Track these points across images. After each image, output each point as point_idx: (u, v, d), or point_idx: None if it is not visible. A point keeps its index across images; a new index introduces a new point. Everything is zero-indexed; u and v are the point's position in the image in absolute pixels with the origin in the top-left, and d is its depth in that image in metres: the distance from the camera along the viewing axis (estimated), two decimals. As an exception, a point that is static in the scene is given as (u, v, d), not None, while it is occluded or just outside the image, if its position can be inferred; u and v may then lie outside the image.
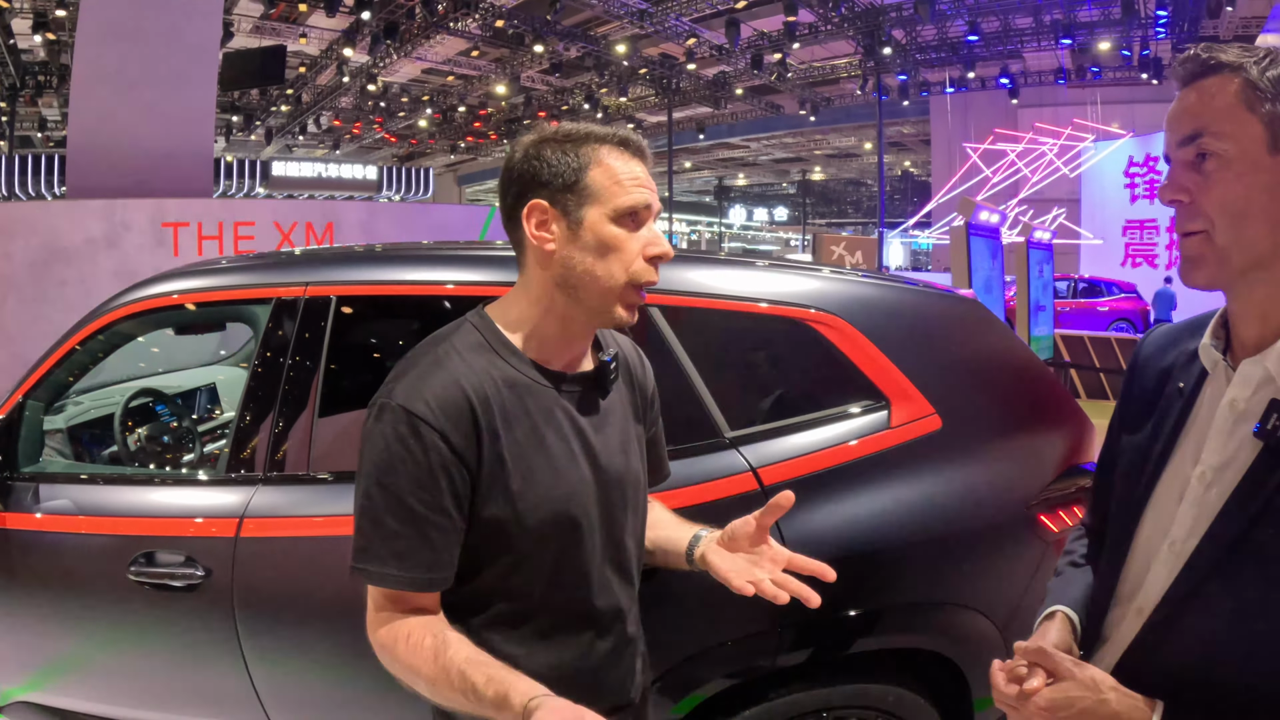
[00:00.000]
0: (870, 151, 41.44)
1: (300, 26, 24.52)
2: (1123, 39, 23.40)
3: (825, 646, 2.23)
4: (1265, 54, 1.11)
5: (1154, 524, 1.24)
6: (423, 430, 1.28)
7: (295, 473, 2.40)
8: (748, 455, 2.23)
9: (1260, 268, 1.12)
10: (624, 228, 1.36)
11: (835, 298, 2.39)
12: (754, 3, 22.32)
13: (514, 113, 35.70)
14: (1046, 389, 2.61)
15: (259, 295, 2.55)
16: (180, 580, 2.33)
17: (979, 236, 10.74)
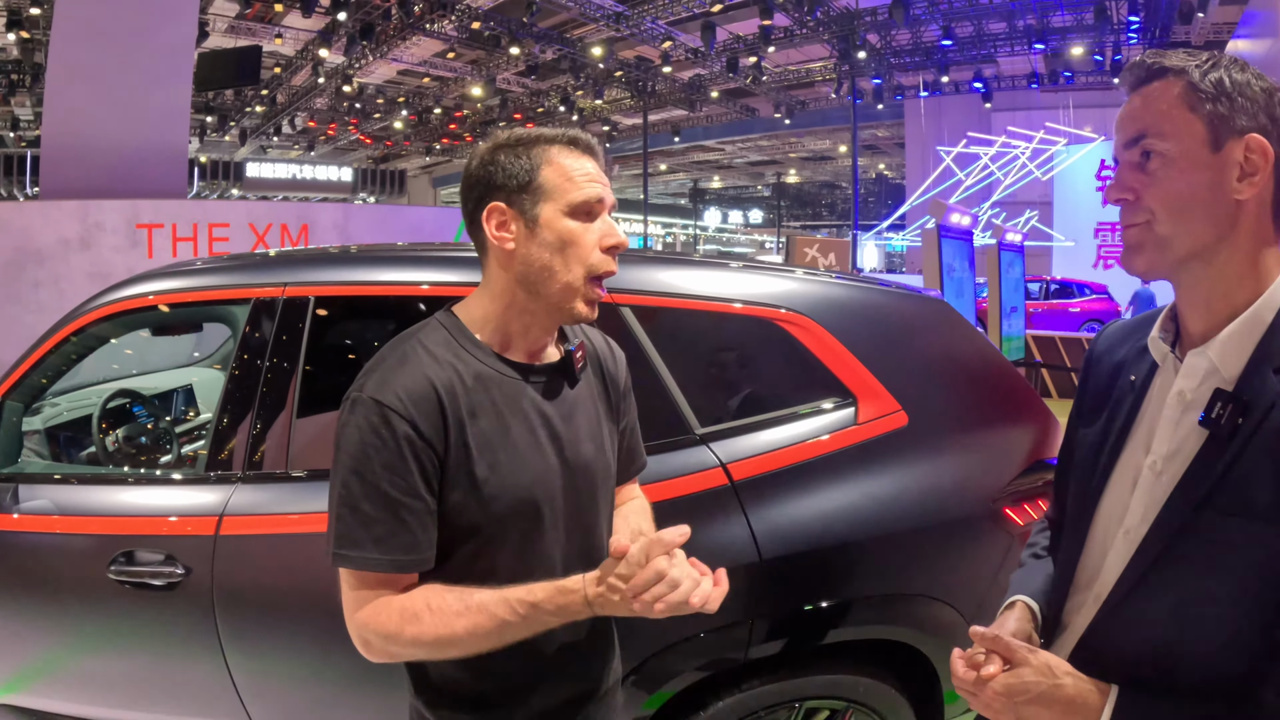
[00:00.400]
0: (844, 154, 41.56)
1: (275, 27, 24.31)
2: (1095, 44, 23.57)
3: (796, 638, 2.28)
4: (1207, 58, 1.16)
5: (1109, 513, 1.28)
6: (393, 419, 1.33)
7: (274, 471, 2.41)
8: (718, 451, 2.27)
9: (1200, 259, 1.16)
10: (579, 221, 1.41)
11: (803, 298, 2.45)
12: (730, 6, 22.35)
13: (489, 115, 35.58)
14: (1011, 386, 2.68)
15: (237, 296, 2.57)
16: (160, 579, 2.33)
17: (950, 239, 10.86)
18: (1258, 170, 1.12)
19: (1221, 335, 1.16)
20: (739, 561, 2.17)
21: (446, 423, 1.37)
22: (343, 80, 27.55)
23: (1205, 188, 1.13)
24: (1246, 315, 1.15)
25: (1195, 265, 1.16)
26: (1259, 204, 1.14)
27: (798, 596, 2.26)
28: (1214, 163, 1.13)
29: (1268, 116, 1.13)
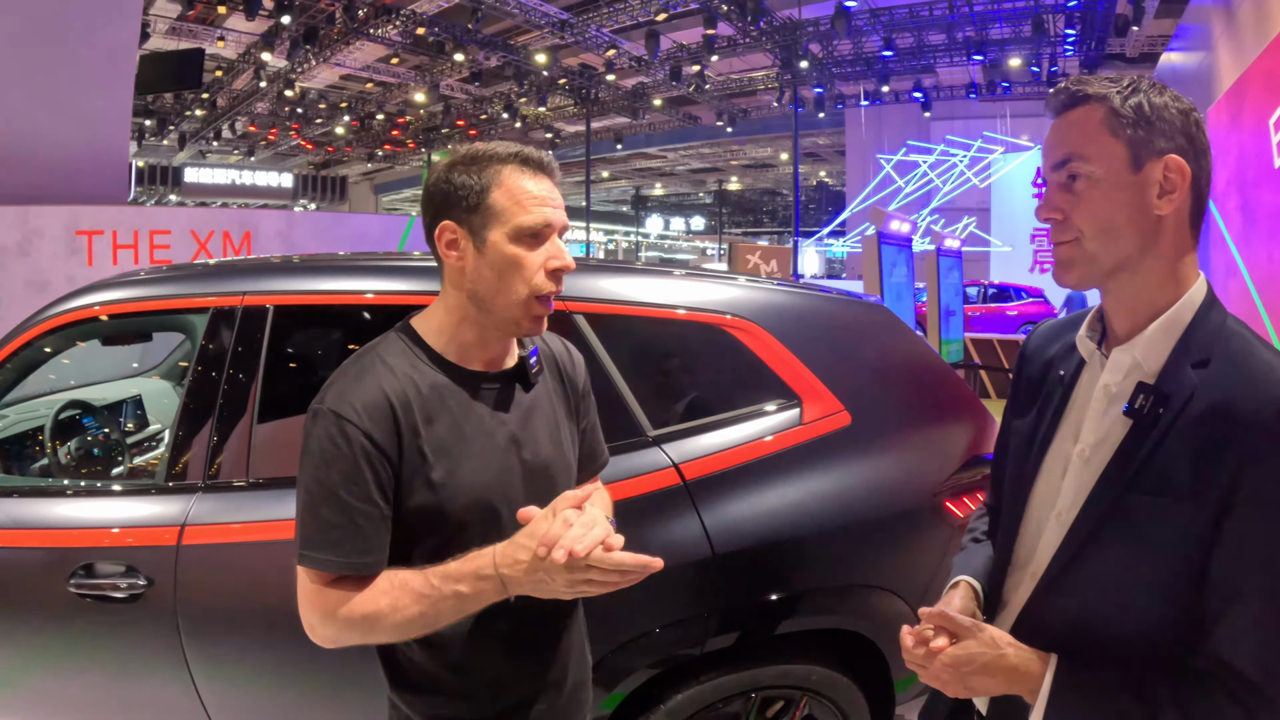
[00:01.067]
0: (786, 162, 41.87)
1: (217, 29, 23.82)
2: (1032, 56, 24.05)
3: (749, 630, 2.36)
4: (1128, 83, 1.24)
5: (1042, 497, 1.37)
6: (349, 430, 1.39)
7: (235, 479, 2.42)
8: (670, 452, 2.36)
9: (1126, 270, 1.25)
10: (525, 246, 1.46)
11: (749, 304, 2.55)
12: (674, 15, 22.40)
13: (432, 121, 35.34)
14: (949, 386, 2.80)
15: (195, 305, 2.56)
16: (122, 591, 2.31)
17: (890, 245, 11.06)
18: (1176, 188, 1.21)
19: (1144, 334, 1.26)
20: (693, 558, 2.27)
21: (400, 432, 1.43)
22: (285, 84, 27.11)
23: (1128, 206, 1.22)
24: (1167, 316, 1.25)
25: (1122, 275, 1.26)
26: (1178, 218, 1.23)
27: (750, 590, 2.35)
28: (1135, 183, 1.21)
29: (1184, 137, 1.22)
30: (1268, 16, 9.73)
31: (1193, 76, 14.23)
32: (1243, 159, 10.30)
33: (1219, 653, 1.16)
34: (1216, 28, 12.56)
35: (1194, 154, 1.23)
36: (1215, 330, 1.24)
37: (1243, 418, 1.15)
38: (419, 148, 38.69)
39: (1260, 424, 1.14)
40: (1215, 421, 1.17)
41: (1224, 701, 1.15)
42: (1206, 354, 1.22)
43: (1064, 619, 1.29)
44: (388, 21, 22.56)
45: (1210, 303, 1.27)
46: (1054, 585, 1.31)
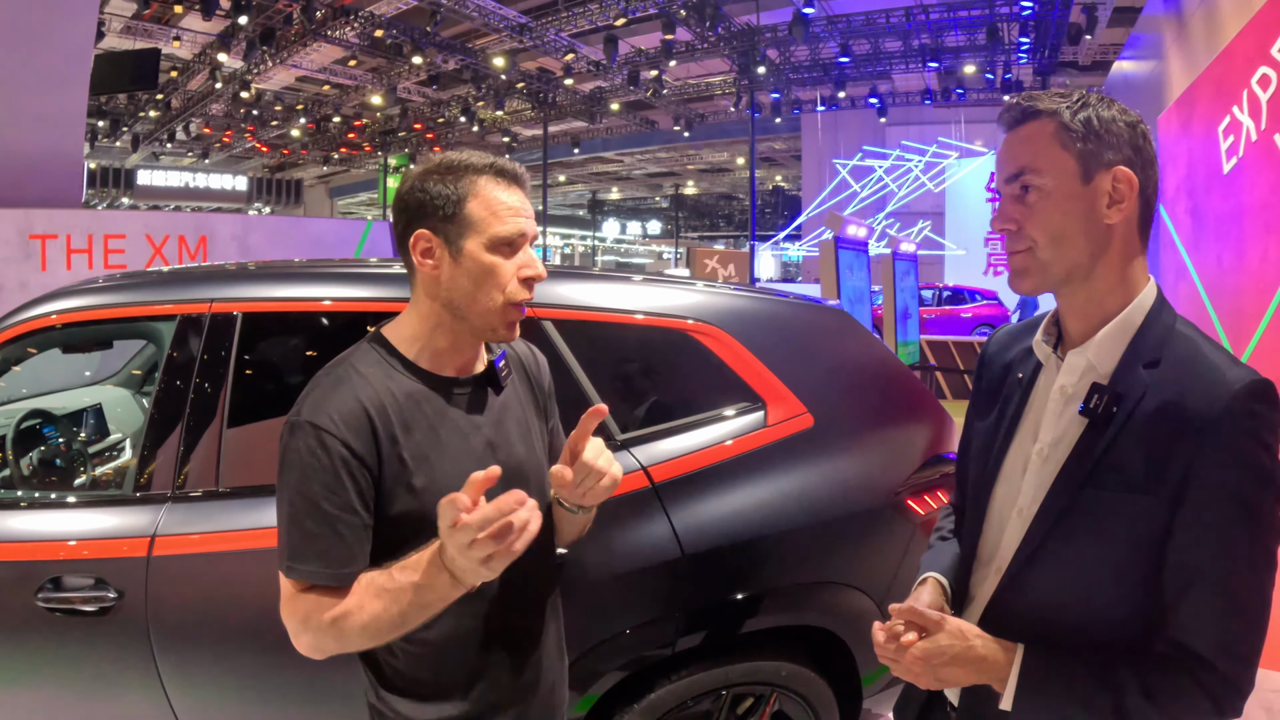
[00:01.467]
0: (742, 166, 42.03)
1: (173, 29, 23.38)
2: (986, 63, 24.38)
3: (720, 628, 2.42)
4: (1077, 98, 1.30)
5: (1004, 495, 1.43)
6: (327, 440, 1.41)
7: (205, 489, 2.40)
8: (638, 455, 2.41)
9: (1078, 277, 1.31)
10: (500, 255, 1.49)
11: (714, 310, 2.61)
12: (633, 20, 22.38)
13: (389, 124, 35.11)
14: (908, 388, 2.88)
15: (162, 312, 2.54)
16: (92, 604, 2.27)
17: (847, 249, 11.18)
18: (1124, 198, 1.28)
19: (1097, 337, 1.32)
20: (663, 558, 2.32)
21: (378, 440, 1.45)
22: (240, 86, 26.71)
23: (1079, 216, 1.28)
24: (1119, 320, 1.31)
25: (1075, 282, 1.32)
26: (1127, 226, 1.29)
27: (719, 589, 2.40)
28: (1085, 194, 1.27)
29: (1132, 149, 1.28)
30: (1218, 28, 9.91)
31: (1144, 84, 14.48)
32: (1192, 165, 10.49)
33: (1178, 637, 1.23)
34: (1168, 37, 12.76)
35: (1141, 165, 1.29)
36: (1165, 332, 1.30)
37: (1192, 415, 1.21)
38: (375, 151, 38.37)
39: (1209, 420, 1.20)
40: (1167, 419, 1.23)
41: (1185, 682, 1.22)
42: (1157, 355, 1.28)
43: (1028, 611, 1.35)
44: (346, 23, 22.37)
45: (1160, 306, 1.33)
46: (1017, 579, 1.36)
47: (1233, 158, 8.61)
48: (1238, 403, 1.20)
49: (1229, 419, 1.20)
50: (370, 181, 46.65)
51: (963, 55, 24.30)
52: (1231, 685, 1.23)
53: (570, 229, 59.14)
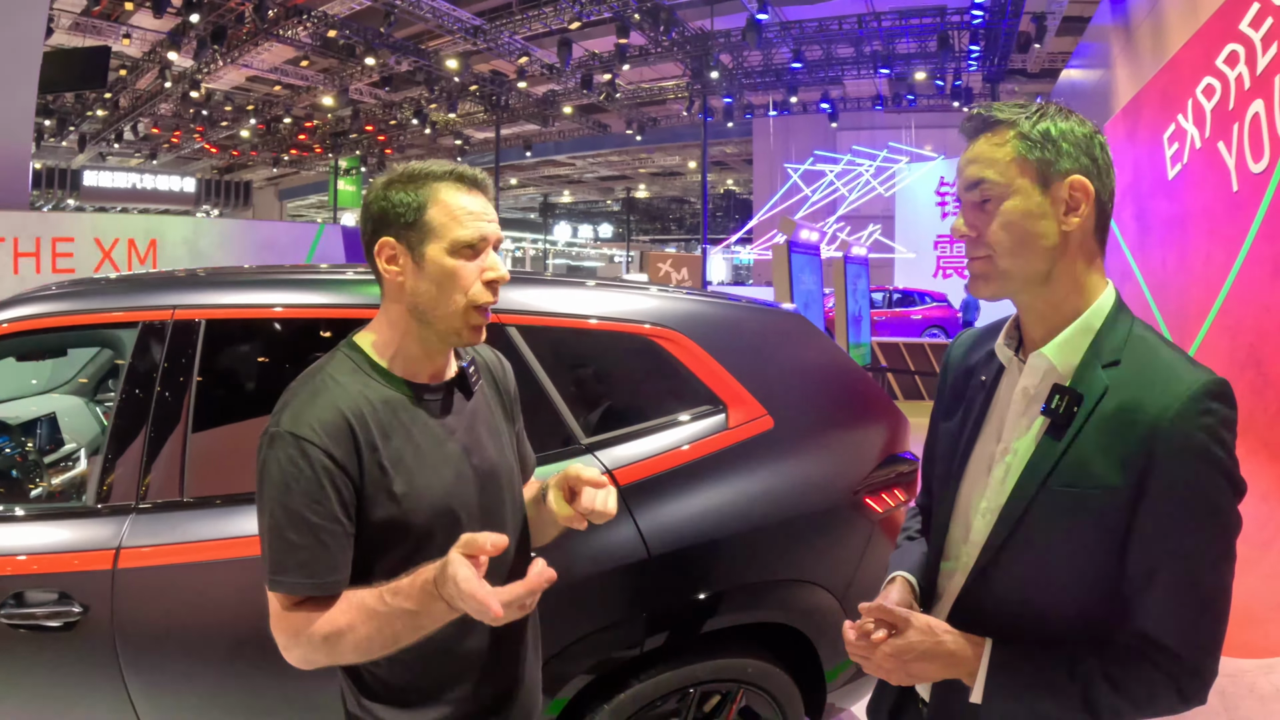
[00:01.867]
0: (694, 170, 42.20)
1: (123, 26, 22.84)
2: (937, 70, 24.63)
3: (686, 626, 2.46)
4: (1036, 109, 1.34)
5: (969, 494, 1.46)
6: (309, 450, 1.42)
7: (170, 499, 2.33)
8: (603, 459, 2.45)
9: (1037, 282, 1.35)
10: (462, 259, 1.51)
11: (675, 315, 2.67)
12: (587, 23, 22.38)
13: (340, 125, 34.76)
14: (863, 389, 2.96)
15: (123, 319, 2.47)
16: (57, 619, 2.19)
17: (800, 253, 11.31)
18: (1080, 205, 1.31)
19: (1058, 339, 1.36)
20: (630, 560, 2.36)
21: (359, 448, 1.46)
22: (190, 85, 26.20)
23: (1036, 223, 1.31)
24: (1079, 322, 1.35)
25: (1034, 287, 1.36)
26: (1084, 232, 1.33)
27: (686, 589, 2.45)
28: (1043, 201, 1.31)
29: (1088, 158, 1.32)
30: (1164, 39, 10.14)
31: (1091, 92, 14.79)
32: (1138, 171, 10.76)
33: (1142, 628, 1.28)
34: (1115, 47, 13.04)
35: (1097, 173, 1.33)
36: (1124, 334, 1.35)
37: (1151, 414, 1.25)
38: (326, 153, 37.96)
39: (1167, 418, 1.24)
40: (1126, 418, 1.28)
41: (1150, 672, 1.27)
42: (1116, 356, 1.33)
43: (995, 606, 1.38)
44: (298, 23, 22.12)
45: (1119, 309, 1.37)
46: (984, 575, 1.40)
47: (1177, 164, 8.89)
48: (1195, 401, 1.24)
49: (1187, 417, 1.24)
50: (320, 184, 46.09)
51: (914, 62, 24.57)
52: (1196, 674, 1.27)
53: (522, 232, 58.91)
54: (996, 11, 20.77)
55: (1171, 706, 1.29)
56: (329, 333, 2.53)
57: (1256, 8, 6.67)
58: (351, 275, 2.64)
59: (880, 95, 27.86)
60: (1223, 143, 7.50)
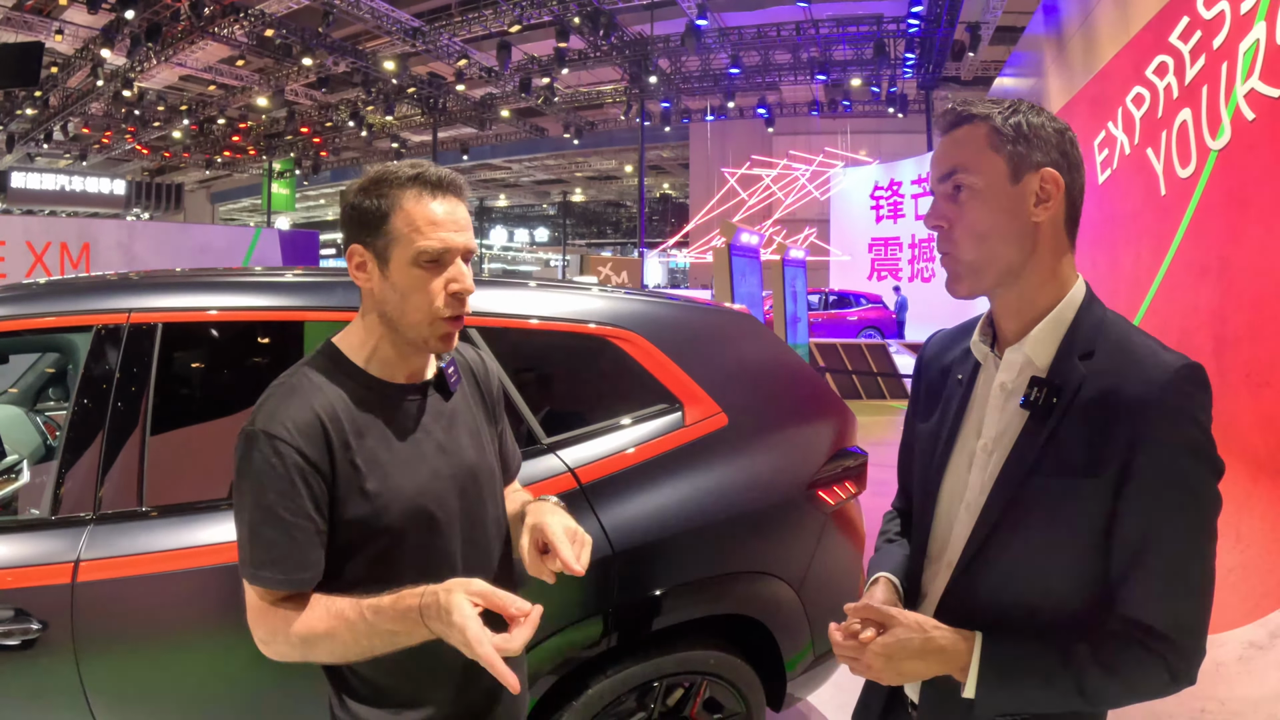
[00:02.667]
0: (630, 174, 42.37)
1: (55, 21, 22.25)
2: (873, 77, 25.14)
3: (647, 621, 2.51)
4: (1009, 105, 1.36)
5: (950, 492, 1.46)
6: (282, 449, 1.43)
7: (130, 508, 2.25)
8: (565, 458, 2.49)
9: (1011, 276, 1.36)
10: (426, 270, 1.48)
11: (631, 316, 2.73)
12: (527, 26, 22.42)
13: (275, 127, 34.31)
14: (812, 386, 3.05)
15: (76, 323, 2.38)
16: (14, 637, 2.07)
17: (740, 256, 11.45)
18: (1051, 197, 1.33)
19: (1033, 333, 1.37)
20: (595, 556, 2.36)
21: (331, 447, 1.47)
22: (123, 84, 25.60)
23: (1007, 214, 1.33)
24: (1052, 315, 1.36)
25: (1007, 280, 1.37)
26: (1054, 224, 1.35)
27: (648, 583, 2.51)
28: (1014, 193, 1.32)
29: (1059, 152, 1.34)
30: (1095, 49, 10.36)
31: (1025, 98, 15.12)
32: None
33: (1130, 613, 1.28)
34: (1048, 56, 13.26)
35: (1068, 167, 1.35)
36: (1097, 324, 1.36)
37: (1129, 400, 1.27)
38: (260, 154, 37.42)
39: (1145, 404, 1.25)
40: (1105, 405, 1.29)
41: (1141, 655, 1.27)
42: (1091, 346, 1.34)
43: (982, 600, 1.38)
44: (235, 21, 21.79)
45: (1090, 300, 1.39)
46: (969, 570, 1.40)
47: (1107, 169, 9.15)
48: (1172, 386, 1.25)
49: (1164, 402, 1.25)
50: (253, 187, 45.32)
51: (850, 68, 25.03)
52: (1185, 655, 1.28)
53: (457, 235, 58.46)
54: (932, 20, 21.20)
55: (1163, 687, 1.30)
56: (287, 335, 2.53)
57: (1186, 21, 6.90)
58: (313, 277, 2.61)
59: (816, 101, 28.22)
60: (1151, 149, 7.73)
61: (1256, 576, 4.78)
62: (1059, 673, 1.29)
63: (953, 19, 20.84)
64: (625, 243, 53.88)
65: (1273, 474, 5.17)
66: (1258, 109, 5.62)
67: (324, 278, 2.60)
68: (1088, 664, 1.28)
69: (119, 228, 11.47)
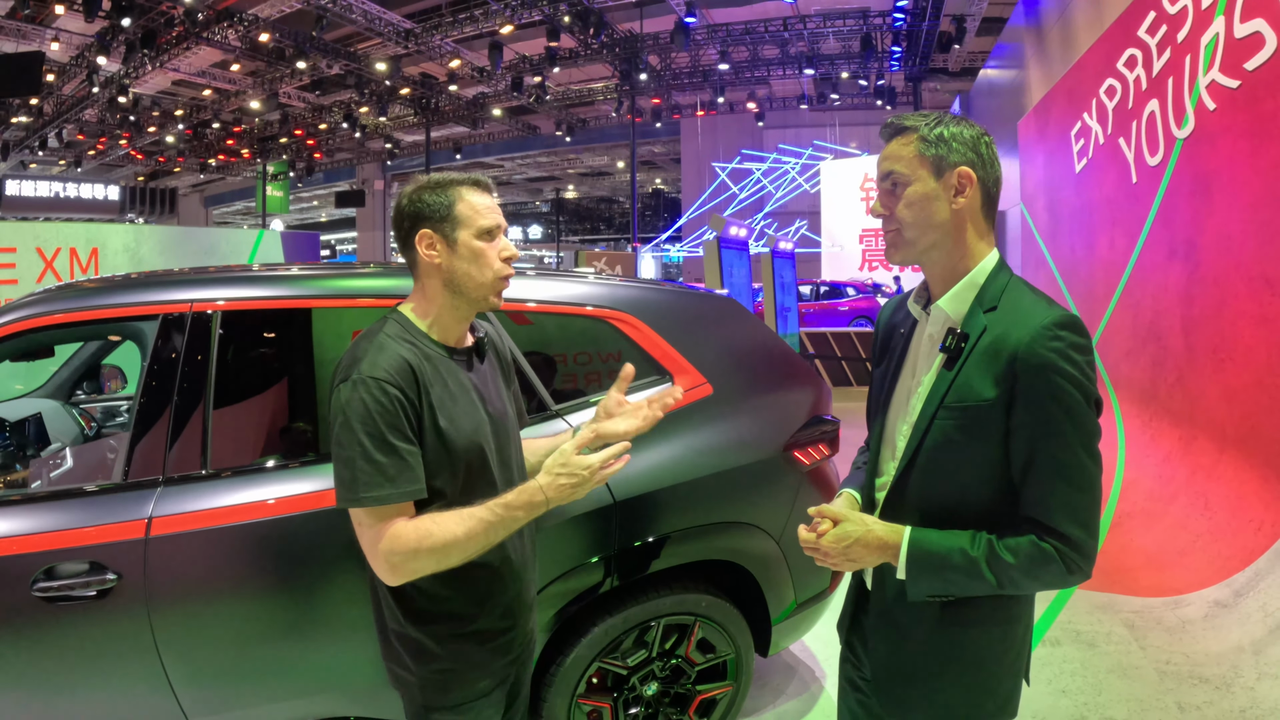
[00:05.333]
0: (623, 170, 42.53)
1: (49, 29, 22.26)
2: (860, 69, 25.34)
3: (645, 563, 2.86)
4: (935, 118, 1.70)
5: (894, 420, 1.83)
6: (387, 389, 1.80)
7: (195, 472, 2.54)
8: (571, 422, 2.84)
9: (936, 249, 1.71)
10: (485, 241, 1.94)
11: (628, 300, 3.09)
12: (518, 27, 22.55)
13: (269, 130, 34.41)
14: (789, 361, 3.41)
15: (145, 313, 2.69)
16: (91, 588, 2.36)
17: (729, 249, 11.72)
18: (966, 189, 1.68)
19: (949, 293, 1.72)
20: (600, 505, 2.76)
21: (420, 388, 1.86)
22: (118, 90, 25.64)
23: (932, 203, 1.68)
24: (967, 279, 1.71)
25: (934, 252, 1.72)
26: (971, 209, 1.69)
27: (645, 529, 2.87)
28: (937, 187, 1.68)
29: (974, 153, 1.69)
30: (1071, 42, 10.67)
31: (1008, 89, 15.32)
32: (1049, 165, 11.29)
33: (1028, 512, 1.62)
34: (1028, 48, 13.60)
35: (981, 164, 1.69)
36: (1002, 285, 1.70)
37: (1014, 342, 1.60)
38: (254, 157, 37.46)
39: (1024, 344, 1.58)
40: (998, 347, 1.62)
41: (1038, 546, 1.59)
42: (995, 303, 1.67)
43: (915, 503, 1.72)
44: (229, 26, 21.91)
45: (1000, 267, 1.72)
46: (903, 481, 1.75)
47: (1083, 159, 9.45)
48: (1046, 330, 1.58)
49: (1039, 342, 1.57)
50: (246, 190, 45.26)
51: (838, 62, 25.16)
52: (1076, 547, 1.59)
53: (450, 235, 58.29)
54: (917, 14, 21.39)
55: (1060, 577, 1.60)
56: (323, 321, 2.84)
57: (1153, 15, 7.21)
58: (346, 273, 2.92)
59: (805, 94, 28.35)
60: (1123, 139, 8.07)
61: (1223, 540, 5.11)
62: (968, 556, 1.62)
63: (938, 12, 21.08)
64: (618, 238, 53.97)
65: (1237, 444, 5.50)
66: (1218, 99, 5.93)
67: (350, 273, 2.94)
68: (993, 550, 1.61)
69: (126, 232, 11.68)
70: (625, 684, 2.95)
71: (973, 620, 1.73)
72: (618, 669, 2.91)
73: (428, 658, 1.97)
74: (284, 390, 2.82)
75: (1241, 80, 5.59)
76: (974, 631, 1.74)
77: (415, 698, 2.00)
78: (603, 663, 2.86)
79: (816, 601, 3.27)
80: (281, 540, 2.49)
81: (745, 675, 3.15)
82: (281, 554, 2.49)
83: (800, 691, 3.84)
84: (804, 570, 3.16)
